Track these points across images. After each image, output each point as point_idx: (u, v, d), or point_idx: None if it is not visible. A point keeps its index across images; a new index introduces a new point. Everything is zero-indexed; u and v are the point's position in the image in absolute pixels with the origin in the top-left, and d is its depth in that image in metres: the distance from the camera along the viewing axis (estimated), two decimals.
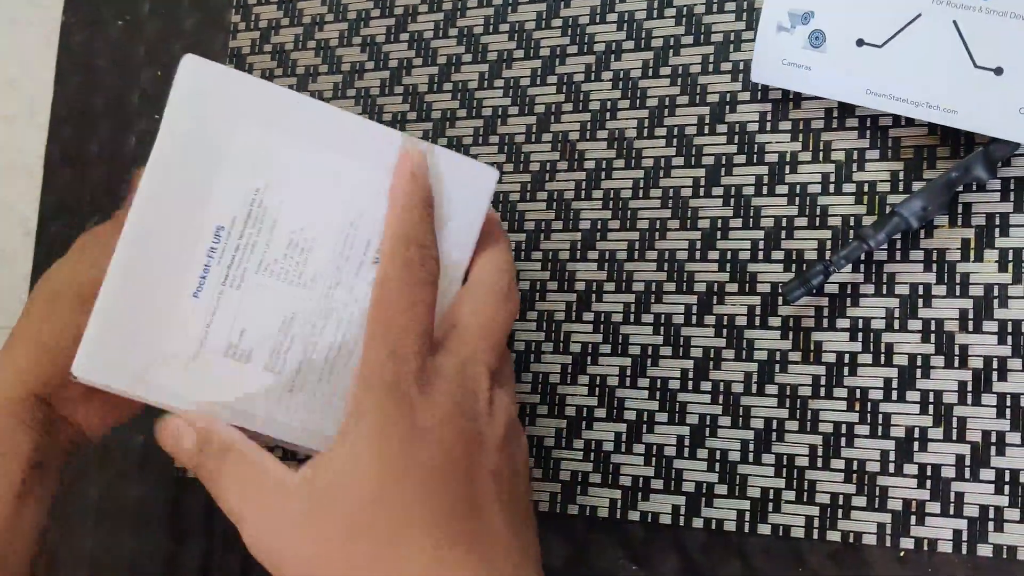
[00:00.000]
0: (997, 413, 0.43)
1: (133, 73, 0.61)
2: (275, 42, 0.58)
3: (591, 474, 0.48)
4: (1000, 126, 0.42)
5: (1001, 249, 0.44)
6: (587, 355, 0.49)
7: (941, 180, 0.44)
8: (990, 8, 0.42)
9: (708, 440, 0.46)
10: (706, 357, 0.47)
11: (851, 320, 0.45)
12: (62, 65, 0.63)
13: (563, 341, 0.49)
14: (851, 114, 0.46)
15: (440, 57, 0.54)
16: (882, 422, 0.44)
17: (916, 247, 0.45)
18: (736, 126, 0.48)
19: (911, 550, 0.43)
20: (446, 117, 0.53)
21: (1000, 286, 0.43)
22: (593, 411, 0.48)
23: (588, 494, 0.48)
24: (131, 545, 0.56)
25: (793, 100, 0.47)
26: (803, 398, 0.45)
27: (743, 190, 0.48)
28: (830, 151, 0.47)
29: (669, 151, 0.49)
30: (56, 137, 0.62)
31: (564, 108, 0.51)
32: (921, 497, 0.43)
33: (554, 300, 0.50)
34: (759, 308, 0.46)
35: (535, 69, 0.52)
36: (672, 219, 0.48)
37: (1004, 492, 0.42)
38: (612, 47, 0.51)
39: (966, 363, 0.43)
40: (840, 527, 0.44)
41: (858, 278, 0.45)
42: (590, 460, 0.48)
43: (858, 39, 0.45)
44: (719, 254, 0.47)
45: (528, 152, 0.52)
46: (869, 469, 0.44)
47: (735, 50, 0.49)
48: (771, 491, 0.45)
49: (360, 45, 0.56)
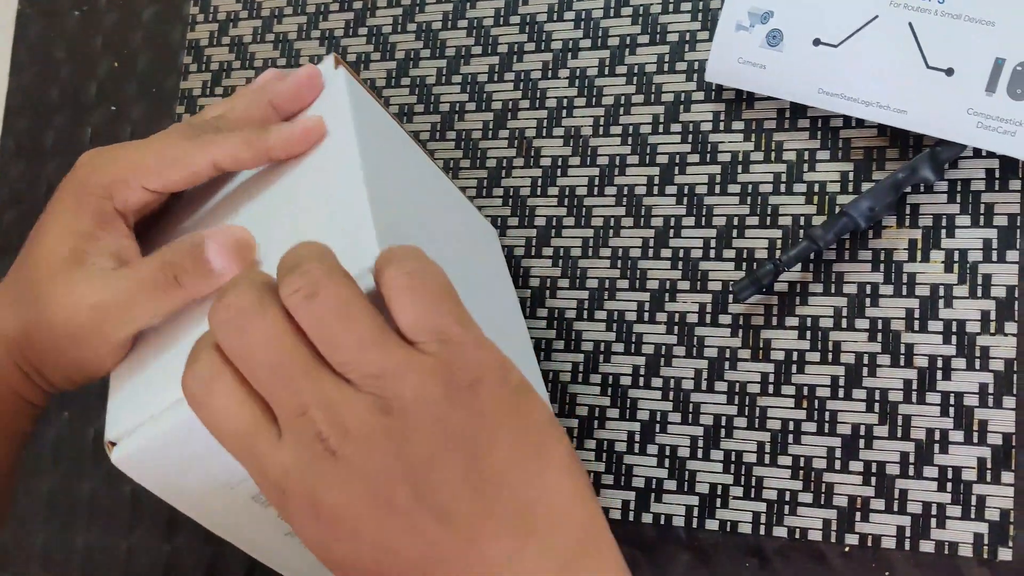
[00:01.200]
0: (941, 411, 0.43)
1: (90, 64, 0.60)
2: (233, 34, 0.57)
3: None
4: (948, 127, 0.43)
5: (947, 250, 0.44)
6: (540, 350, 0.49)
7: (889, 181, 0.44)
8: (945, 11, 0.43)
9: (658, 436, 0.47)
10: (657, 354, 0.47)
11: (800, 319, 0.46)
12: (18, 56, 0.62)
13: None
14: (803, 115, 0.47)
15: (399, 52, 0.54)
16: (829, 419, 0.44)
17: (864, 247, 0.45)
18: (690, 125, 0.49)
19: (856, 546, 0.43)
20: (403, 112, 0.53)
21: (945, 286, 0.44)
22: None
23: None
24: (83, 540, 0.55)
25: (746, 100, 0.48)
26: (752, 395, 0.46)
27: (696, 189, 0.48)
28: (782, 151, 0.47)
29: (624, 149, 0.49)
30: (11, 129, 0.62)
31: (521, 105, 0.51)
32: (866, 494, 0.44)
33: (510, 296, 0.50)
34: (710, 306, 0.47)
35: (493, 66, 0.52)
36: (626, 216, 0.49)
37: (947, 489, 0.43)
38: (569, 45, 0.51)
39: (911, 362, 0.44)
40: (787, 523, 0.44)
41: (807, 277, 0.46)
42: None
43: (815, 39, 0.45)
44: (671, 252, 0.48)
45: (485, 148, 0.52)
46: (816, 466, 0.44)
47: (690, 50, 0.49)
48: (719, 487, 0.45)
49: (319, 38, 0.56)
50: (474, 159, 0.52)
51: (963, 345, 0.43)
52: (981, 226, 0.44)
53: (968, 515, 0.42)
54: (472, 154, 0.52)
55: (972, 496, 0.42)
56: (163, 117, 0.58)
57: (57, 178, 0.60)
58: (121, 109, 0.59)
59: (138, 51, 0.60)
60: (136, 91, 0.59)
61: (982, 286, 0.44)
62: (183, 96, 0.58)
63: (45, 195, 0.60)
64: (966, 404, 0.43)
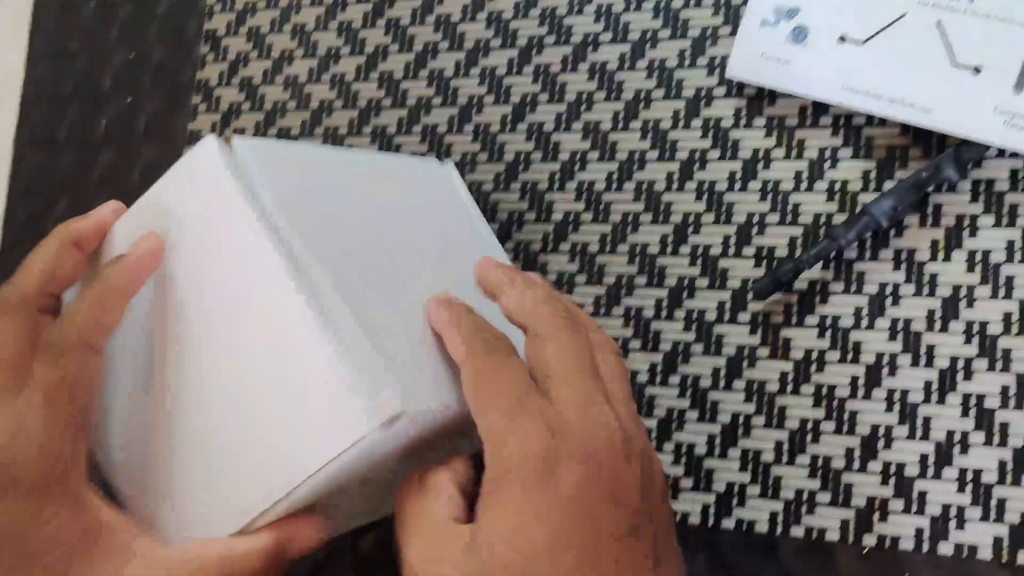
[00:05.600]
0: (962, 413, 0.43)
1: (106, 55, 0.60)
2: (251, 25, 0.57)
3: None
4: (974, 125, 0.43)
5: (970, 250, 0.44)
6: None
7: (912, 180, 0.44)
8: (974, 10, 0.43)
9: (675, 434, 0.46)
10: (675, 351, 0.47)
11: (820, 318, 0.45)
12: (34, 47, 0.62)
13: None
14: (825, 112, 0.47)
15: (417, 44, 0.54)
16: (848, 419, 0.44)
17: (886, 246, 0.45)
18: (711, 121, 0.48)
19: (874, 547, 0.43)
20: (420, 104, 0.53)
21: (968, 287, 0.44)
22: None
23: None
24: None
25: (768, 97, 0.47)
26: (770, 394, 0.45)
27: (716, 185, 0.48)
28: (803, 149, 0.47)
29: (644, 144, 0.49)
30: (26, 119, 0.61)
31: (540, 99, 0.51)
32: (884, 495, 0.43)
33: None
34: (728, 303, 0.46)
35: (511, 58, 0.52)
36: (645, 212, 0.48)
37: (966, 491, 0.42)
38: (589, 39, 0.51)
39: (932, 363, 0.43)
40: (804, 523, 0.44)
41: (828, 276, 0.45)
42: None
43: (841, 36, 0.45)
44: (691, 249, 0.47)
45: (503, 142, 0.51)
46: (834, 466, 0.44)
47: (712, 45, 0.49)
48: (736, 486, 0.45)
49: (336, 30, 0.55)
50: (492, 153, 0.51)
51: (985, 346, 0.43)
52: (1004, 226, 0.44)
53: (988, 518, 0.42)
54: (490, 148, 0.52)
55: (992, 499, 0.42)
56: (179, 109, 0.58)
57: (71, 170, 0.60)
58: (137, 100, 0.59)
59: (154, 42, 0.59)
60: (152, 83, 0.59)
61: (1005, 287, 0.43)
62: (199, 86, 0.58)
63: (59, 186, 0.60)
64: (987, 406, 0.43)
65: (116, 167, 0.58)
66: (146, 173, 0.58)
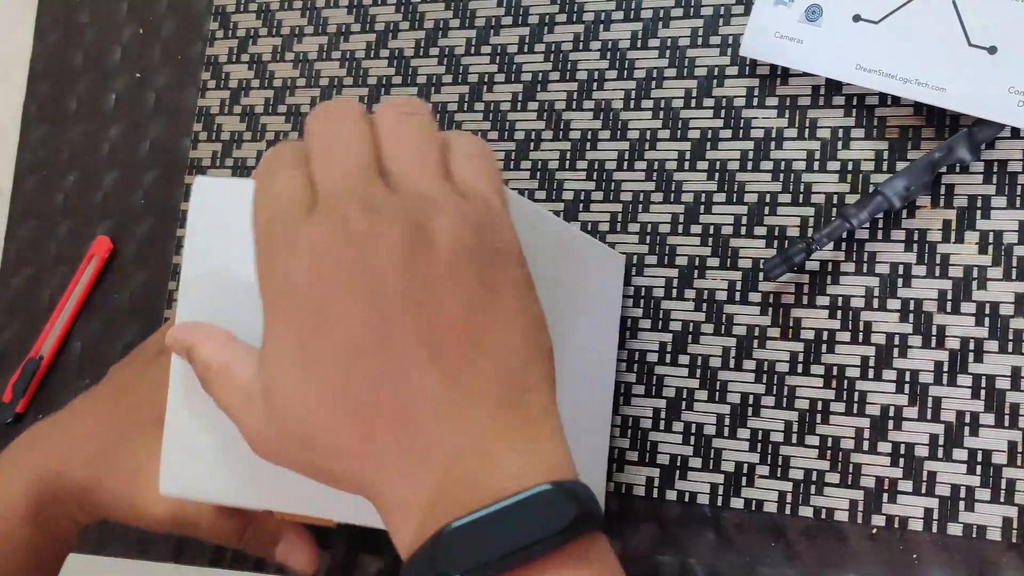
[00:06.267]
0: (972, 394, 0.43)
1: (114, 30, 0.60)
2: (260, 1, 0.57)
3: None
4: (988, 105, 0.42)
5: (982, 231, 0.44)
6: None
7: (924, 160, 0.44)
8: None
9: (684, 413, 0.46)
10: (685, 331, 0.47)
11: (831, 298, 0.45)
12: (42, 20, 0.62)
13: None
14: (838, 92, 0.46)
15: (428, 22, 0.54)
16: (858, 400, 0.44)
17: (898, 227, 0.45)
18: (723, 100, 0.48)
19: (883, 527, 0.43)
20: (431, 82, 0.53)
21: (980, 268, 0.44)
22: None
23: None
24: None
25: (780, 76, 0.47)
26: (780, 374, 0.45)
27: (728, 165, 0.47)
28: (816, 128, 0.46)
29: (655, 123, 0.49)
30: (34, 94, 0.61)
31: (551, 77, 0.51)
32: (894, 475, 0.43)
33: None
34: (739, 283, 0.46)
35: (523, 36, 0.52)
36: (656, 192, 0.48)
37: (976, 472, 0.42)
38: (601, 17, 0.51)
39: (943, 343, 0.43)
40: (813, 503, 0.44)
41: (839, 256, 0.45)
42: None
43: (855, 15, 0.45)
44: (701, 228, 0.47)
45: (513, 120, 0.51)
46: (843, 446, 0.44)
47: (724, 24, 0.48)
48: (745, 465, 0.45)
49: (347, 6, 0.55)
50: (503, 131, 0.51)
51: (996, 328, 0.43)
52: (1017, 207, 0.43)
53: (997, 499, 0.42)
54: (501, 126, 0.51)
55: (1002, 480, 0.42)
56: (188, 85, 0.58)
57: (79, 144, 0.60)
58: (145, 75, 0.59)
59: (163, 17, 0.59)
60: (161, 58, 0.59)
61: (1016, 268, 0.43)
62: (209, 62, 0.57)
63: (66, 161, 0.59)
64: (998, 387, 0.43)
65: (125, 141, 0.58)
66: (155, 147, 0.58)
